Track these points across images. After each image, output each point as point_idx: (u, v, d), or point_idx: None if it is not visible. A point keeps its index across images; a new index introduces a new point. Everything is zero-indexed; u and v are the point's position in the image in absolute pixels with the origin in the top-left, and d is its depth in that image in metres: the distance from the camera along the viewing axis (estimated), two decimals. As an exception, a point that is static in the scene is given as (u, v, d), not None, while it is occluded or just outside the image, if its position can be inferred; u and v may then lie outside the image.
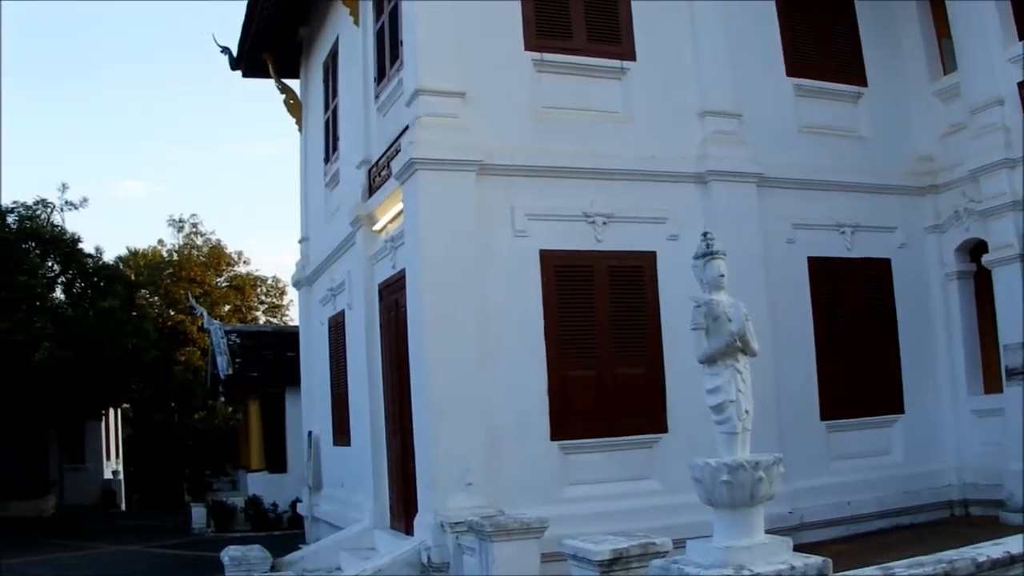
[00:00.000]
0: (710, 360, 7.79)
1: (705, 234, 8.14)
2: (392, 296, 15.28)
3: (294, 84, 23.43)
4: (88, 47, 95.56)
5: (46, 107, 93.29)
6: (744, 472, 7.31)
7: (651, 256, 14.15)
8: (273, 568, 15.32)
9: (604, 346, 13.65)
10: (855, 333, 15.64)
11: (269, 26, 21.32)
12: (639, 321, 13.95)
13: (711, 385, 7.76)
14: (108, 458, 45.89)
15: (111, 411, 44.78)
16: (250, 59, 22.70)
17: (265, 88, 23.91)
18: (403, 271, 14.22)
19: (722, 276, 7.92)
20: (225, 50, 22.65)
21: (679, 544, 8.95)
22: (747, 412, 7.71)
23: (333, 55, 19.99)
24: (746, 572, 6.94)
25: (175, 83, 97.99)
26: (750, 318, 7.81)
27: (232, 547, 15.41)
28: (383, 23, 16.05)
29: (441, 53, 13.57)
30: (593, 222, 13.80)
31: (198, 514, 29.48)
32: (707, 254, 7.99)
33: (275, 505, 28.49)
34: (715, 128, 14.87)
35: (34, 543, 26.91)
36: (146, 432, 48.44)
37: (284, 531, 26.56)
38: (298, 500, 23.56)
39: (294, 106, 23.17)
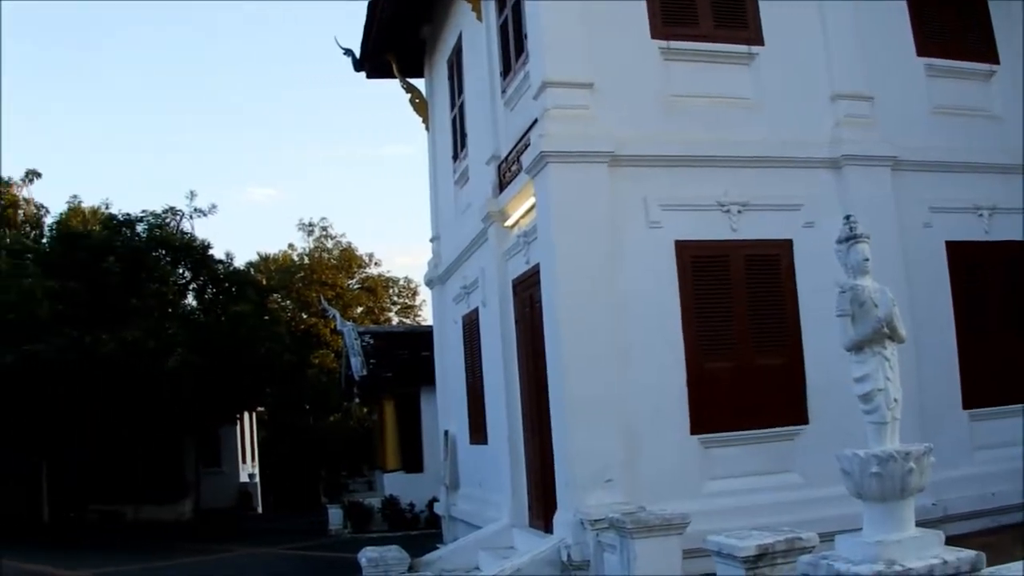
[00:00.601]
0: (857, 347, 7.53)
1: (848, 217, 7.88)
2: (526, 292, 15.17)
3: (419, 83, 23.41)
4: (213, 55, 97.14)
5: (174, 116, 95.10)
6: (894, 463, 7.06)
7: (787, 244, 13.82)
8: (411, 568, 15.27)
9: (742, 337, 13.37)
10: (996, 318, 15.09)
11: (391, 26, 21.30)
12: (776, 311, 13.64)
13: (858, 373, 7.51)
14: (244, 461, 46.45)
15: (246, 415, 45.27)
16: (373, 60, 22.71)
17: (390, 89, 23.92)
18: (537, 266, 14.09)
19: (866, 260, 7.66)
20: (348, 52, 22.69)
21: (824, 539, 8.73)
22: (896, 401, 7.45)
23: (457, 52, 19.91)
24: (898, 567, 6.70)
25: (301, 88, 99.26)
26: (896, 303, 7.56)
27: (369, 548, 15.42)
28: (506, 17, 15.94)
29: (567, 44, 13.40)
30: (727, 211, 13.53)
31: (335, 515, 29.68)
32: (850, 238, 7.73)
33: (412, 505, 28.57)
34: (847, 111, 14.45)
35: (171, 547, 27.33)
36: (282, 435, 49.01)
37: (421, 531, 26.66)
38: (435, 499, 23.56)
39: (420, 105, 23.15)
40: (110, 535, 30.74)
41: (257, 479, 47.06)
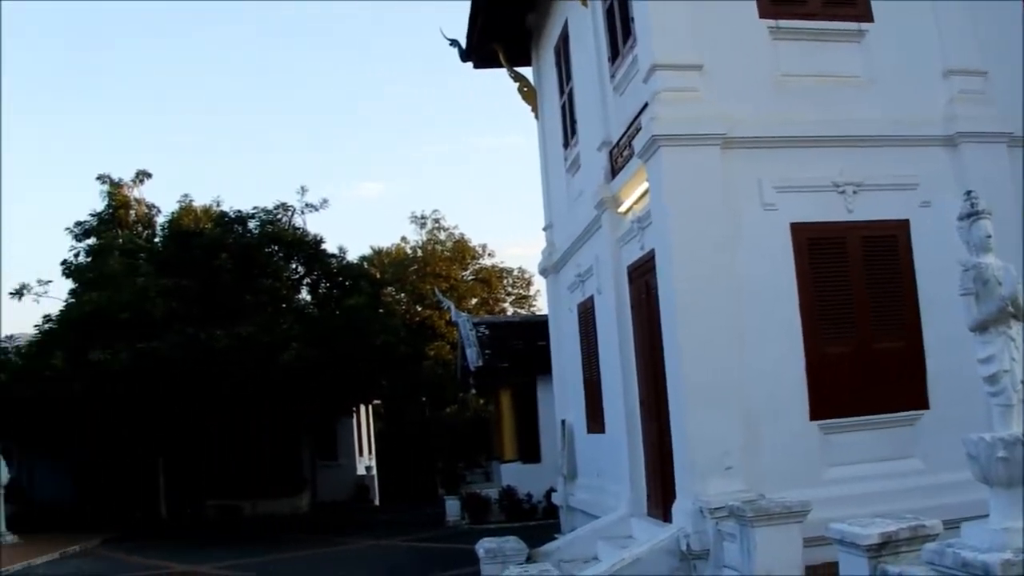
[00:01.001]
0: (981, 327, 7.31)
1: (968, 193, 7.66)
2: (642, 278, 15.02)
3: (527, 72, 23.34)
4: (320, 53, 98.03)
5: (282, 115, 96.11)
6: (1022, 447, 6.84)
7: (904, 224, 13.49)
8: (529, 559, 15.20)
9: (861, 320, 13.09)
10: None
11: (496, 15, 21.28)
12: (895, 292, 13.33)
13: (983, 354, 7.29)
14: (361, 454, 46.71)
15: (362, 407, 45.53)
16: (480, 50, 22.71)
17: (499, 79, 23.91)
18: (652, 252, 13.94)
19: (989, 237, 7.44)
20: (454, 43, 22.71)
21: (948, 526, 8.51)
22: (1023, 383, 7.22)
23: (563, 38, 19.78)
24: (1026, 555, 6.50)
25: (410, 83, 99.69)
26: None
27: (487, 539, 15.39)
28: (612, 1, 15.81)
29: (674, 26, 13.22)
30: (843, 192, 13.25)
31: (452, 506, 29.76)
32: (972, 214, 7.51)
33: (529, 495, 28.53)
34: (961, 87, 14.03)
35: (288, 540, 27.64)
36: (398, 427, 49.28)
37: (539, 521, 26.61)
38: (552, 489, 23.49)
39: (528, 94, 23.07)
40: (227, 530, 31.22)
41: (374, 471, 47.31)
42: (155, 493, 32.95)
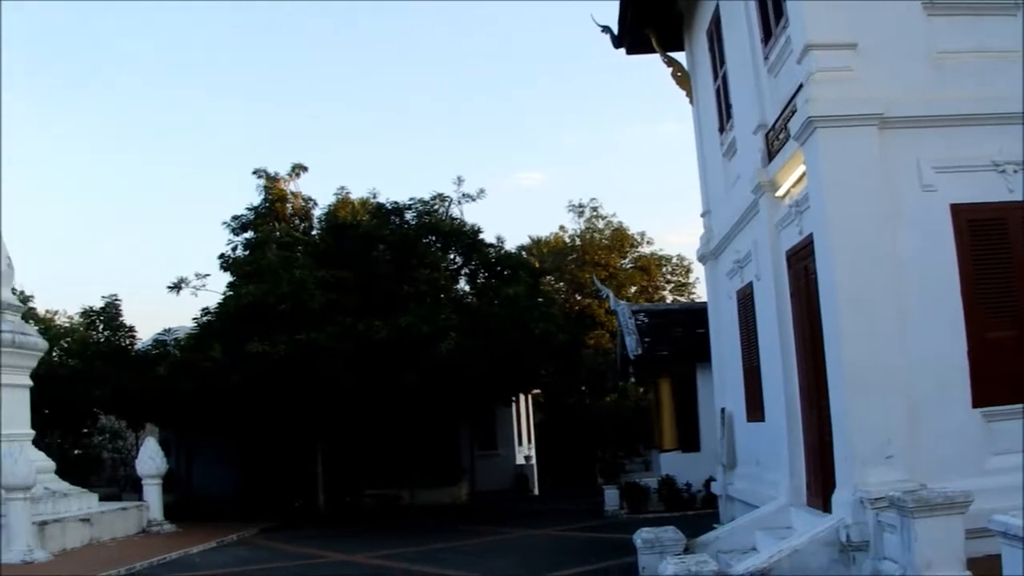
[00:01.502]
0: None
1: None
2: (800, 263, 14.74)
3: (680, 56, 23.08)
4: (473, 44, 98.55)
5: (440, 106, 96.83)
6: None
7: (1069, 205, 12.97)
8: (687, 549, 15.03)
9: (1024, 304, 12.65)
10: None
11: (646, 1, 21.08)
12: (1059, 275, 12.85)
13: None
14: (520, 443, 46.71)
15: (522, 397, 45.55)
16: (632, 36, 22.55)
17: (653, 65, 23.75)
18: (810, 236, 13.67)
19: None
20: (606, 29, 22.58)
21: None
22: None
23: (715, 21, 19.48)
24: None
25: (563, 71, 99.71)
26: None
27: (645, 529, 15.24)
28: (763, -19, 15.55)
29: (827, 5, 12.92)
30: (1003, 171, 12.76)
31: (611, 496, 29.56)
32: None
33: (688, 485, 28.27)
34: None
35: (447, 529, 27.72)
36: (558, 416, 49.26)
37: (698, 511, 26.38)
38: (712, 479, 23.23)
39: (682, 79, 22.81)
40: (385, 519, 31.48)
41: (533, 461, 47.33)
42: (313, 483, 33.32)
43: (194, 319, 35.08)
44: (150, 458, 28.48)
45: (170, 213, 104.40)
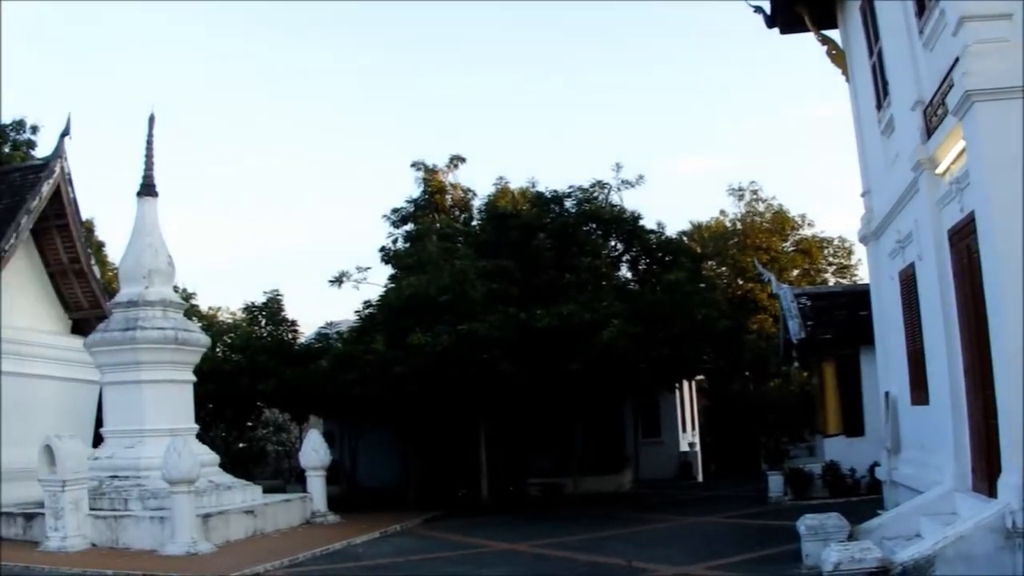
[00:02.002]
0: None
1: None
2: (963, 242, 14.38)
3: (833, 34, 22.68)
4: (626, 30, 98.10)
5: (599, 95, 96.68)
6: None
7: None
8: (850, 536, 14.83)
9: None
10: None
11: (798, -22, 20.82)
12: None
13: None
14: (684, 430, 46.37)
15: (685, 383, 45.21)
16: (785, 15, 22.22)
17: (806, 44, 23.44)
18: (971, 214, 13.36)
19: None
20: (758, 9, 22.33)
21: None
22: None
23: (868, -5, 19.15)
24: None
25: (718, 54, 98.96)
26: None
27: (808, 515, 15.09)
28: (914, -46, 15.18)
29: (980, -26, 12.53)
30: None
31: (775, 482, 29.18)
32: None
33: (852, 470, 27.73)
34: None
35: (610, 518, 27.54)
36: (721, 402, 48.89)
37: (862, 497, 25.87)
38: (876, 464, 22.81)
39: (837, 57, 22.40)
40: (549, 508, 31.41)
41: (697, 448, 47.01)
42: (477, 472, 33.42)
43: (356, 312, 35.40)
44: (314, 450, 28.88)
45: (330, 207, 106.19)
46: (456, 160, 40.67)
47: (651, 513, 28.35)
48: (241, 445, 43.07)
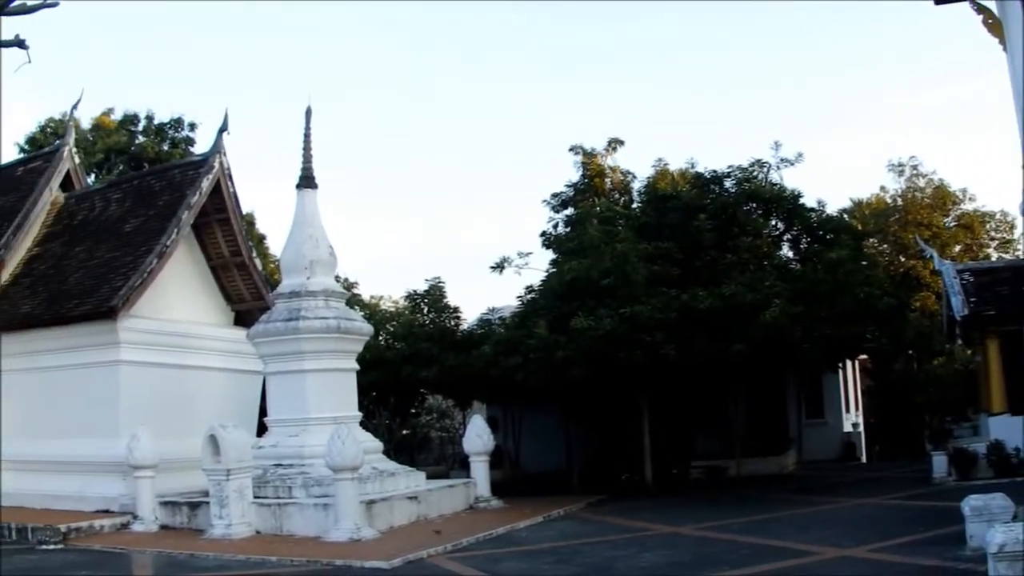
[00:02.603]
0: None
1: None
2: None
3: (989, 3, 22.23)
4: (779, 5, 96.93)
5: (752, 73, 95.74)
6: None
7: None
8: (1015, 517, 14.63)
9: None
10: None
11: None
12: None
13: None
14: (847, 411, 45.83)
15: (848, 363, 44.64)
16: (940, -16, 21.79)
17: (962, 13, 22.91)
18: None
19: None
20: (914, -21, 21.99)
21: None
22: None
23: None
24: None
25: (873, 27, 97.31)
26: None
27: (972, 496, 14.95)
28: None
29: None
30: None
31: (938, 463, 28.72)
32: None
33: (1017, 449, 27.16)
34: None
35: (773, 499, 27.56)
36: (885, 382, 48.12)
37: (1029, 477, 25.45)
38: (1043, 442, 22.42)
39: (994, 26, 21.83)
40: (712, 491, 31.38)
41: (860, 428, 46.40)
42: (639, 455, 33.38)
43: (518, 297, 35.90)
44: (477, 436, 29.19)
45: (490, 194, 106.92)
46: (614, 143, 40.74)
47: (814, 495, 28.19)
48: (404, 432, 43.58)
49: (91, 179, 44.26)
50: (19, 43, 6.59)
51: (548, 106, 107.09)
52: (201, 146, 52.47)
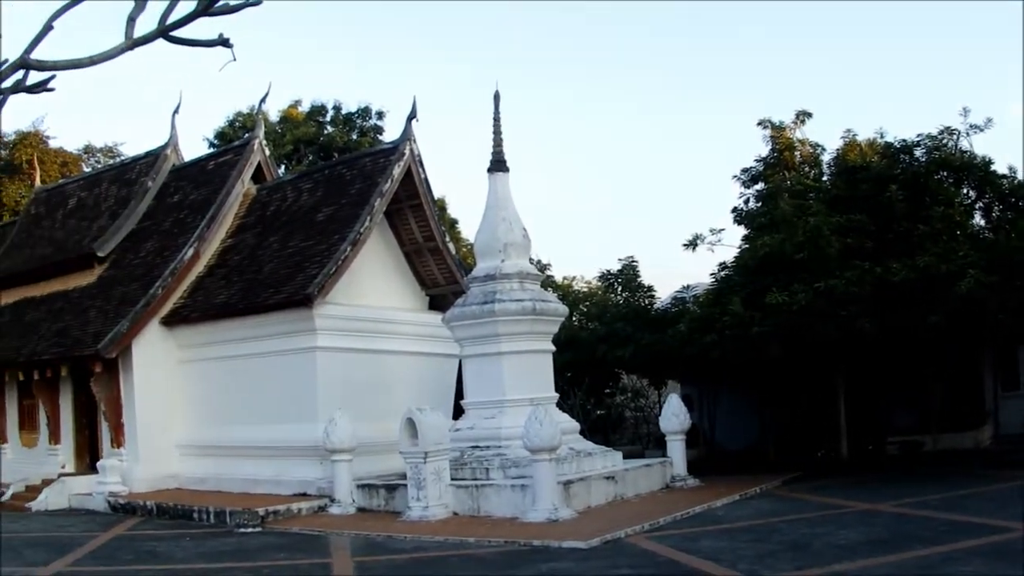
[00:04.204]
0: None
1: None
2: None
3: None
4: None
5: (939, 39, 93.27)
6: None
7: None
8: None
9: None
10: None
11: None
12: None
13: None
14: (1047, 383, 44.45)
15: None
16: None
17: None
18: None
19: None
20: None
21: None
22: None
23: None
24: None
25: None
26: None
27: None
28: None
29: None
30: None
31: None
32: None
33: None
34: None
35: (970, 474, 27.13)
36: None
37: None
38: None
39: None
40: (908, 466, 30.85)
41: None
42: (835, 432, 32.93)
43: (711, 274, 35.66)
44: (673, 414, 29.08)
45: (679, 171, 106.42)
46: (802, 116, 40.07)
47: (1012, 470, 27.47)
48: (599, 412, 43.68)
49: (281, 170, 45.41)
50: (223, 42, 6.73)
51: (735, 79, 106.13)
52: (389, 134, 53.35)
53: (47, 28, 6.74)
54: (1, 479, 33.15)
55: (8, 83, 6.82)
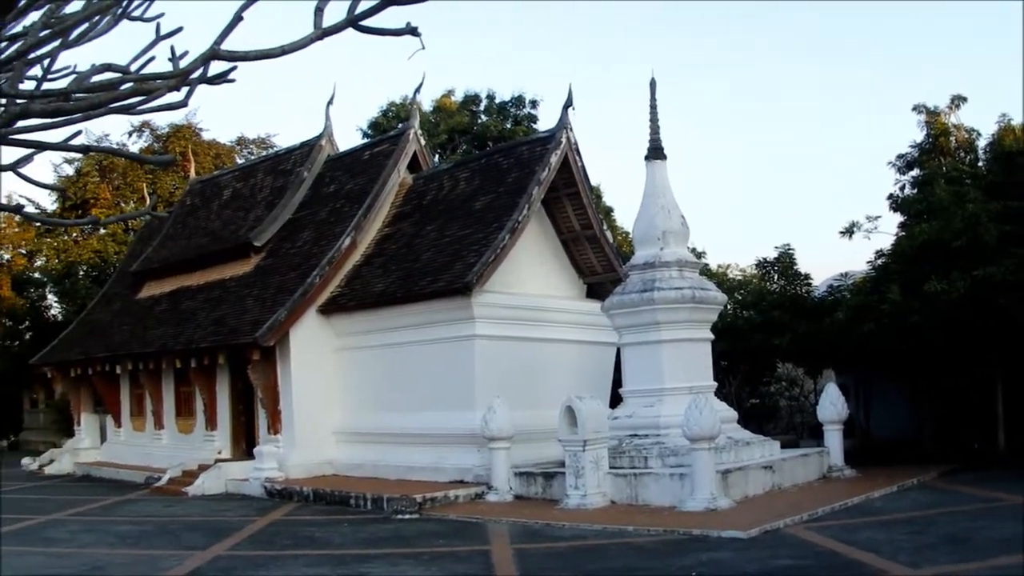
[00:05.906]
0: None
1: None
2: None
3: None
4: None
5: None
6: None
7: None
8: None
9: None
10: None
11: None
12: None
13: None
14: None
15: None
16: None
17: None
18: None
19: None
20: None
21: None
22: None
23: None
24: None
25: None
26: None
27: None
28: None
29: None
30: None
31: None
32: None
33: None
34: None
35: None
36: None
37: None
38: None
39: None
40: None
41: None
42: (992, 423, 32.41)
43: (868, 262, 35.58)
44: (831, 404, 28.84)
45: (834, 158, 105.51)
46: (957, 100, 39.41)
47: None
48: (753, 401, 43.50)
49: (436, 159, 45.82)
50: (412, 31, 6.90)
51: (886, 65, 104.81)
52: (543, 123, 53.53)
53: (237, 19, 6.97)
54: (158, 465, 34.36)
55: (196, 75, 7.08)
